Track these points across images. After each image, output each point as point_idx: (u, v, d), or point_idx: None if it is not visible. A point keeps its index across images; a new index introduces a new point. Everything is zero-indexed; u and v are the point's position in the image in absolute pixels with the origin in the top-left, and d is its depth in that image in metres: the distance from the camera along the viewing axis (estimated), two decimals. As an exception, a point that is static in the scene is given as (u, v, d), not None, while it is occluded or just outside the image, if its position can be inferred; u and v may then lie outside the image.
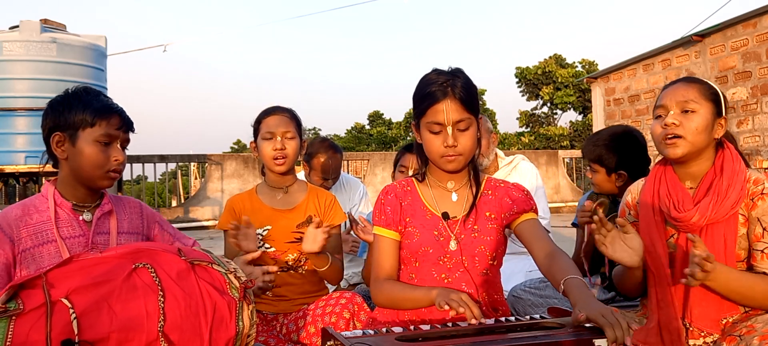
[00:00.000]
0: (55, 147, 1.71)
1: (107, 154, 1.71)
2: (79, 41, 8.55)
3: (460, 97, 1.69)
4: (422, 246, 1.77)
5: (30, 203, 1.72)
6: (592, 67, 24.59)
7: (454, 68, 1.77)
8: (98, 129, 1.69)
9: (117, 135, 1.73)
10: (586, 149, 2.45)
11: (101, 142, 1.70)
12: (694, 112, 1.70)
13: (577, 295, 1.47)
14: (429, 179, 1.86)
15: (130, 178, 13.67)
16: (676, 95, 1.73)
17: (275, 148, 2.23)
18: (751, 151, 8.91)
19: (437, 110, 1.70)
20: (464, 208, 1.81)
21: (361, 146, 28.64)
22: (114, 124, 1.72)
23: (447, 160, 1.73)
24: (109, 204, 1.80)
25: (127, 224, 1.83)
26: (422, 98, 1.73)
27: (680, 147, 1.71)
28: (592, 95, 12.41)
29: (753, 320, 1.61)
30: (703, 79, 1.78)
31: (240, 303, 1.45)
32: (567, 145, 22.70)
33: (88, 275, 1.36)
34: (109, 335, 1.28)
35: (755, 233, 1.67)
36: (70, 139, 1.70)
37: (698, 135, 1.70)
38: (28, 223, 1.67)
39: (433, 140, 1.73)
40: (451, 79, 1.71)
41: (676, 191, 1.74)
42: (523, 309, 2.44)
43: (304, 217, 2.28)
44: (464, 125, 1.71)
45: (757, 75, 8.91)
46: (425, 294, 1.65)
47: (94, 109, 1.69)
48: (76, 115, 1.69)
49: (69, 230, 1.70)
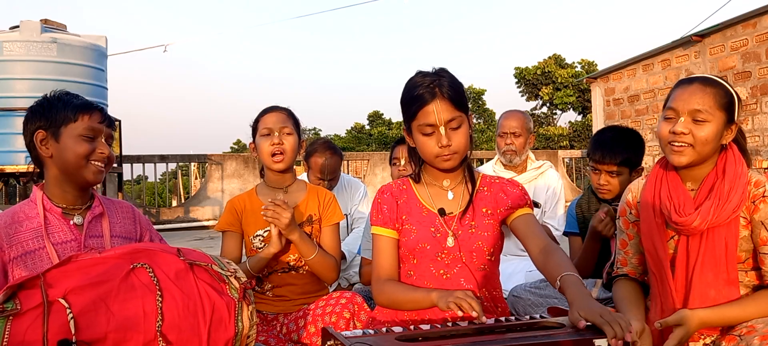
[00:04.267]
0: (39, 146, 1.71)
1: (92, 147, 1.72)
2: (79, 41, 8.56)
3: (448, 96, 1.69)
4: (419, 243, 1.77)
5: (19, 210, 1.71)
6: (592, 67, 24.60)
7: (439, 68, 1.77)
8: (81, 124, 1.70)
9: (100, 129, 1.74)
10: (606, 154, 2.35)
11: (85, 135, 1.71)
12: (706, 122, 1.65)
13: (574, 293, 1.47)
14: (424, 178, 1.86)
15: (131, 178, 13.66)
16: (689, 103, 1.66)
17: (273, 143, 2.23)
18: (751, 152, 8.91)
19: (427, 112, 1.70)
20: (460, 205, 1.81)
21: (361, 146, 28.66)
22: (96, 119, 1.73)
23: (442, 159, 1.74)
24: (101, 206, 1.79)
25: (120, 227, 1.82)
26: (411, 102, 1.73)
27: (687, 156, 1.68)
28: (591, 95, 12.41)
29: (753, 320, 1.61)
30: (721, 81, 1.71)
31: (239, 304, 1.45)
32: (566, 146, 22.72)
33: (86, 275, 1.36)
34: (107, 335, 1.28)
35: (761, 236, 1.65)
36: (54, 136, 1.70)
37: (706, 145, 1.66)
38: (18, 230, 1.66)
39: (426, 142, 1.73)
40: (437, 80, 1.71)
41: (678, 193, 1.73)
42: (523, 309, 2.43)
43: (305, 217, 2.28)
44: (456, 123, 1.71)
45: (756, 75, 8.91)
46: (425, 296, 1.65)
47: (74, 106, 1.71)
48: (58, 112, 1.70)
49: (60, 235, 1.69)
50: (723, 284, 1.65)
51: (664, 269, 1.70)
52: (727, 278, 1.65)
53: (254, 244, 2.25)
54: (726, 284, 1.65)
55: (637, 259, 1.90)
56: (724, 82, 1.71)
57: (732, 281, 1.65)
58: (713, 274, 1.65)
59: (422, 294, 1.67)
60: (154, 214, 11.09)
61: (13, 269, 1.62)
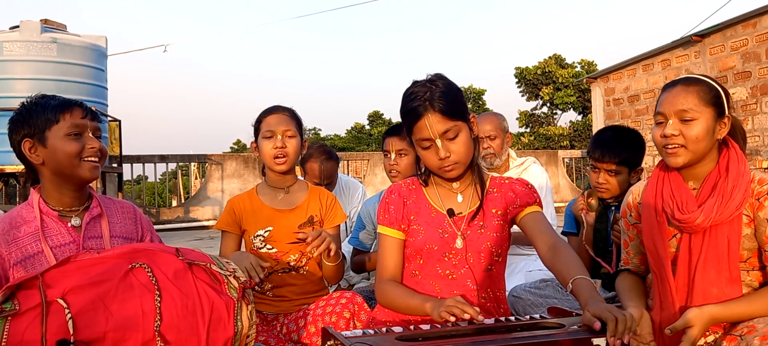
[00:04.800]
0: (29, 155, 1.70)
1: (81, 144, 1.70)
2: (79, 41, 8.56)
3: (440, 109, 1.67)
4: (427, 243, 1.77)
5: (17, 215, 1.70)
6: (592, 67, 24.60)
7: (433, 76, 1.74)
8: (64, 123, 1.68)
9: (84, 124, 1.72)
10: (605, 153, 2.35)
11: (71, 134, 1.69)
12: (694, 120, 1.67)
13: (587, 297, 1.47)
14: (434, 180, 1.85)
15: (131, 178, 13.67)
16: (674, 104, 1.68)
17: (275, 146, 2.22)
18: (751, 152, 8.91)
19: (421, 127, 1.69)
20: (470, 206, 1.80)
21: (361, 146, 28.68)
22: (77, 115, 1.71)
23: (445, 171, 1.74)
24: (99, 207, 1.77)
25: (120, 228, 1.80)
26: (406, 115, 1.73)
27: (681, 156, 1.69)
28: (591, 95, 12.41)
29: (754, 320, 1.61)
30: (703, 78, 1.73)
31: (238, 303, 1.44)
32: (567, 146, 22.72)
33: (84, 275, 1.36)
34: (105, 335, 1.28)
35: (766, 233, 1.65)
36: (40, 142, 1.68)
37: (699, 143, 1.67)
38: (17, 236, 1.65)
39: (426, 155, 1.73)
40: (430, 91, 1.68)
41: (680, 192, 1.73)
42: (523, 309, 2.43)
43: (306, 217, 2.28)
44: (452, 133, 1.69)
45: (756, 75, 8.90)
46: (420, 305, 1.65)
47: (53, 106, 1.69)
48: (39, 117, 1.68)
49: (58, 238, 1.68)
50: (725, 283, 1.65)
51: (665, 267, 1.71)
52: (730, 276, 1.65)
53: (255, 244, 2.24)
54: (728, 283, 1.65)
55: (639, 259, 1.92)
56: (707, 79, 1.73)
57: (734, 279, 1.65)
58: (715, 272, 1.65)
59: (418, 302, 1.67)
60: (154, 214, 11.09)
61: (14, 275, 1.61)
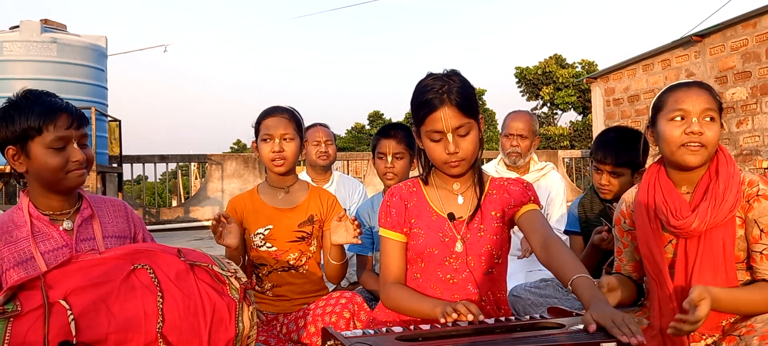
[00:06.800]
0: (12, 162, 1.62)
1: (65, 157, 1.61)
2: (79, 41, 8.56)
3: (457, 103, 1.67)
4: (427, 247, 1.77)
5: (8, 220, 1.66)
6: (592, 67, 24.57)
7: (449, 71, 1.74)
8: (47, 135, 1.58)
9: (69, 135, 1.61)
10: (608, 154, 2.36)
11: (55, 147, 1.59)
12: (714, 121, 1.68)
13: (589, 297, 1.44)
14: (434, 180, 1.85)
15: (131, 178, 13.68)
16: (699, 102, 1.68)
17: (273, 150, 2.23)
18: (750, 152, 8.91)
19: (435, 119, 1.68)
20: (470, 209, 1.80)
21: (361, 146, 28.66)
22: (62, 125, 1.60)
23: (450, 166, 1.73)
24: (89, 209, 1.73)
25: (112, 227, 1.77)
26: (419, 106, 1.71)
27: (700, 156, 1.68)
28: (591, 95, 12.41)
29: (752, 320, 1.61)
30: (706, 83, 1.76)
31: (240, 304, 1.45)
32: (567, 146, 22.71)
33: (86, 276, 1.36)
34: (107, 336, 1.28)
35: (753, 234, 1.67)
36: (23, 151, 1.60)
37: (714, 146, 1.69)
38: (9, 241, 1.62)
39: (434, 148, 1.72)
40: (447, 85, 1.68)
41: (672, 197, 1.73)
42: (523, 309, 2.44)
43: (306, 216, 2.29)
44: (464, 130, 1.69)
45: (756, 75, 8.90)
46: (430, 309, 1.63)
47: (37, 114, 1.58)
48: (21, 124, 1.58)
49: (50, 242, 1.64)
50: (722, 285, 1.65)
51: (662, 273, 1.71)
52: (726, 278, 1.66)
53: (255, 242, 2.25)
54: (725, 284, 1.66)
55: (631, 266, 1.93)
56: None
57: (731, 280, 1.66)
58: (712, 275, 1.66)
59: (428, 306, 1.65)
60: (154, 214, 11.09)
61: (6, 282, 1.58)
